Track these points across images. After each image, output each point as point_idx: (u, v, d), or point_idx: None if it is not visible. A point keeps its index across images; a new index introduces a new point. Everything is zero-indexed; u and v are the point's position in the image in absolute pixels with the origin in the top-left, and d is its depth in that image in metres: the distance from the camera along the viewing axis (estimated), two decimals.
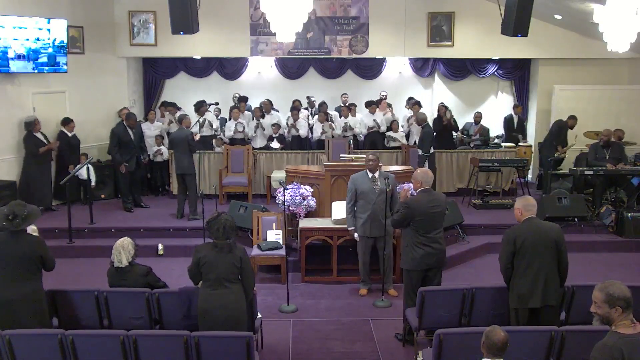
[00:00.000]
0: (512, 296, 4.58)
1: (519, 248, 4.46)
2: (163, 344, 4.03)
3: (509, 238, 4.53)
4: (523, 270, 4.48)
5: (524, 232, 4.48)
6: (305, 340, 5.52)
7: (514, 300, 4.56)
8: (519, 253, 4.47)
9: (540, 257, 4.46)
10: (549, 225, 4.60)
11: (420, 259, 5.26)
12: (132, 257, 4.85)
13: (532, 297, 4.45)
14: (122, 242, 4.85)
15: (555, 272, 4.52)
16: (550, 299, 4.49)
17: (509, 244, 4.50)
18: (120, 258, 4.80)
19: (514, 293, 4.54)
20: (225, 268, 4.29)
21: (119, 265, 4.82)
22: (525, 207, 4.57)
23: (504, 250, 4.55)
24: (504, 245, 4.56)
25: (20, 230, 4.43)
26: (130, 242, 4.87)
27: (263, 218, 7.33)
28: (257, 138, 10.25)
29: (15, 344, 3.98)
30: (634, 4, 6.08)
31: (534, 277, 4.45)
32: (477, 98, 12.25)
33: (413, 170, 6.21)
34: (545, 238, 4.47)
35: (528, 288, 4.46)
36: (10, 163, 8.64)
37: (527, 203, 4.59)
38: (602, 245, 8.05)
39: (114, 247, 4.83)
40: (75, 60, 9.48)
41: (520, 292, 4.48)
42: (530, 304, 4.47)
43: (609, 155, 8.78)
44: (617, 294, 2.92)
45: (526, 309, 4.50)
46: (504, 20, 7.91)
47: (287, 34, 6.99)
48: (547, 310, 4.51)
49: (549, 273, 4.48)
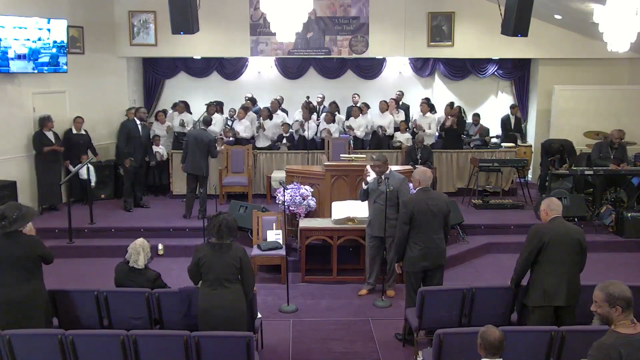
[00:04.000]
0: (534, 294, 4.53)
1: (546, 244, 4.46)
2: (163, 344, 4.03)
3: (536, 233, 4.53)
4: (550, 268, 4.47)
5: (551, 229, 4.50)
6: (305, 340, 5.51)
7: (538, 299, 4.50)
8: (545, 250, 4.47)
9: (567, 257, 4.47)
10: (575, 227, 4.66)
11: (419, 258, 5.26)
12: (149, 260, 4.87)
13: (558, 295, 4.44)
14: (142, 243, 4.87)
15: (577, 273, 4.55)
16: (573, 298, 4.50)
17: (536, 239, 4.50)
18: (137, 258, 4.81)
19: (538, 290, 4.49)
20: (225, 268, 4.29)
21: (134, 266, 4.82)
22: (550, 206, 4.61)
23: (530, 244, 4.53)
24: (530, 240, 4.54)
25: (15, 232, 4.41)
26: (148, 245, 4.91)
27: (263, 218, 7.33)
28: (259, 138, 10.24)
29: (15, 344, 3.98)
30: (634, 4, 6.08)
31: (560, 276, 4.45)
32: (477, 98, 12.24)
33: (412, 170, 6.21)
34: (571, 238, 4.49)
35: (554, 286, 4.44)
36: (10, 163, 8.64)
37: (552, 203, 4.65)
38: (602, 245, 8.04)
39: (132, 247, 4.84)
40: (75, 60, 9.48)
41: (547, 290, 4.45)
42: (555, 302, 4.45)
43: (613, 155, 8.78)
44: (618, 294, 2.93)
45: (551, 307, 4.48)
46: (504, 20, 7.91)
47: (287, 34, 7.00)
48: (568, 309, 4.51)
49: (572, 273, 4.50)
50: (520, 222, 8.38)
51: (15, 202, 4.70)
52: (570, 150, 9.63)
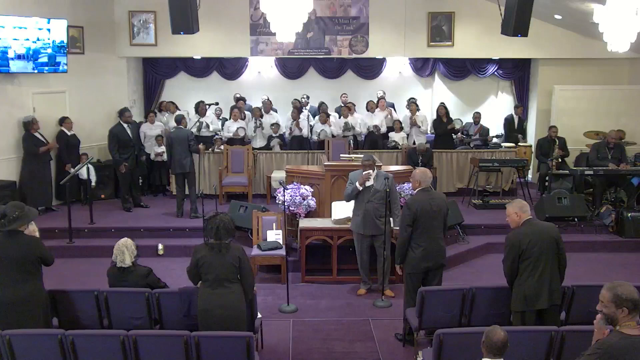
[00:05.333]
0: (517, 299, 4.53)
1: (524, 250, 4.44)
2: (163, 344, 4.03)
3: (513, 242, 4.49)
4: (529, 272, 4.45)
5: (527, 234, 4.47)
6: (305, 340, 5.51)
7: (519, 304, 4.50)
8: (524, 255, 4.45)
9: (545, 258, 4.45)
10: (547, 224, 4.64)
11: (420, 259, 5.26)
12: (135, 257, 4.86)
13: (540, 298, 4.44)
14: (125, 242, 4.85)
15: (557, 271, 4.53)
16: (556, 298, 4.50)
17: (514, 248, 4.47)
18: (123, 258, 4.80)
19: (520, 295, 4.49)
20: (224, 268, 4.29)
21: (122, 265, 4.82)
22: (522, 209, 4.57)
23: (510, 254, 4.51)
24: (509, 249, 4.51)
25: (16, 232, 4.42)
26: (132, 243, 4.89)
27: (263, 218, 7.33)
28: (257, 138, 10.25)
29: (15, 344, 3.98)
30: (634, 4, 6.08)
31: (539, 278, 4.44)
32: (477, 98, 12.24)
33: (412, 170, 6.21)
34: (546, 238, 4.48)
35: (535, 290, 4.44)
36: (10, 163, 8.64)
37: (522, 205, 4.60)
38: (602, 245, 8.04)
39: (116, 248, 4.83)
40: (75, 60, 9.48)
41: (527, 294, 4.45)
42: (537, 306, 4.45)
43: (612, 156, 8.78)
44: (626, 295, 2.91)
45: (534, 312, 4.48)
46: (504, 20, 7.91)
47: (287, 34, 6.99)
48: (551, 309, 4.51)
49: (552, 272, 4.49)
50: None
51: (19, 202, 4.71)
52: (563, 144, 9.63)
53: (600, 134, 10.03)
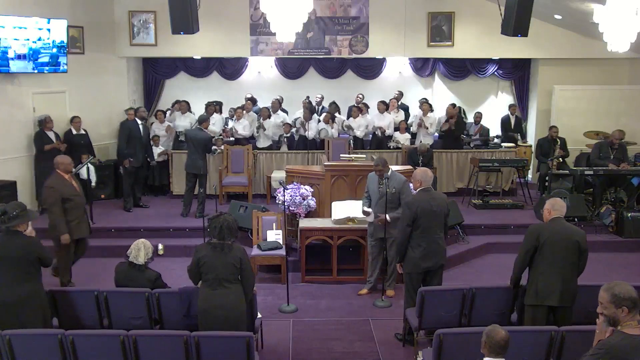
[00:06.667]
0: (529, 293, 4.57)
1: (542, 244, 4.49)
2: (163, 344, 4.03)
3: (532, 233, 4.56)
4: (544, 268, 4.49)
5: (548, 229, 4.52)
6: (305, 340, 5.51)
7: (531, 297, 4.55)
8: (541, 249, 4.50)
9: (563, 257, 4.48)
10: (574, 228, 4.66)
11: (421, 259, 5.25)
12: (149, 259, 4.89)
13: (551, 295, 4.47)
14: (144, 242, 4.94)
15: (574, 275, 4.55)
16: (567, 300, 4.51)
17: (532, 239, 4.53)
18: (137, 254, 4.85)
19: (532, 289, 4.54)
20: (225, 268, 4.29)
21: (134, 262, 4.84)
22: (554, 206, 4.62)
23: (526, 243, 4.58)
24: (527, 239, 4.59)
25: (15, 232, 4.45)
26: (151, 245, 4.95)
27: (263, 218, 7.33)
28: (260, 138, 10.24)
29: (15, 344, 3.98)
30: (634, 4, 6.08)
31: (554, 276, 4.47)
32: (477, 98, 12.25)
33: (412, 170, 6.20)
34: (568, 239, 4.50)
35: (547, 286, 4.47)
36: (10, 163, 8.63)
37: (556, 203, 4.66)
38: (602, 245, 8.03)
39: (135, 243, 4.89)
40: (75, 60, 9.47)
41: (540, 288, 4.49)
42: (548, 302, 4.48)
43: (613, 156, 8.78)
44: (623, 294, 2.92)
45: (545, 307, 4.50)
46: (504, 20, 7.91)
47: (287, 34, 6.99)
48: (562, 310, 4.52)
49: (568, 274, 4.50)
50: (520, 222, 8.38)
51: (20, 202, 4.78)
52: (563, 144, 9.63)
53: (600, 134, 10.03)
